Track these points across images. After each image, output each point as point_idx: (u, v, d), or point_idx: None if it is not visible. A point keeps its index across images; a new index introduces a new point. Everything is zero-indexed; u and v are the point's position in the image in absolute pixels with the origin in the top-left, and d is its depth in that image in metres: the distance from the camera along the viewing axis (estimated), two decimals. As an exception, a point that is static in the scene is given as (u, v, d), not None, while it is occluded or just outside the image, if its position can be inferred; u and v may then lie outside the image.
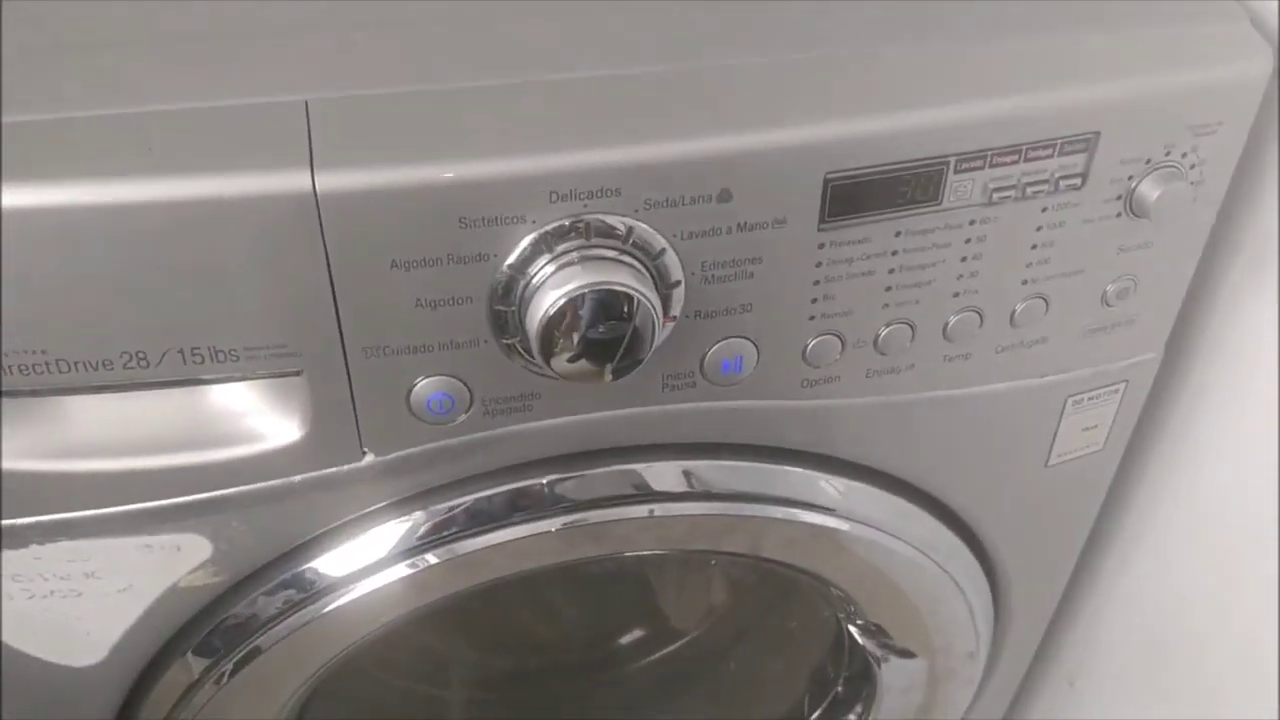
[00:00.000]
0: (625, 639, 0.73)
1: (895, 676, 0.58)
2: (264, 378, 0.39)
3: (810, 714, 0.66)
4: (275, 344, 0.38)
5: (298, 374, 0.39)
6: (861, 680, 0.64)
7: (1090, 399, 0.51)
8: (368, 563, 0.47)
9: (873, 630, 0.57)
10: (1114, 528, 0.62)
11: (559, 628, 0.73)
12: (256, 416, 0.40)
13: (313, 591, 0.47)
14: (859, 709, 0.64)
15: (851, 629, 0.58)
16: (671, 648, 0.72)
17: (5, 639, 0.44)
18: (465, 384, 0.40)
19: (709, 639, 0.72)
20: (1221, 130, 0.43)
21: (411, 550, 0.47)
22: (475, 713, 0.75)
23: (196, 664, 0.49)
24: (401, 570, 0.47)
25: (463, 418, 0.41)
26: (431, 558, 0.47)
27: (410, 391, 0.40)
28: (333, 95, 0.37)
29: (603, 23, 0.42)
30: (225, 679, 0.49)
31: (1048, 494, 0.54)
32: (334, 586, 0.47)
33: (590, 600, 0.72)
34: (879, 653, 0.58)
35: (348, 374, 0.39)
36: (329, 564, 0.47)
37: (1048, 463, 0.53)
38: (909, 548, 0.52)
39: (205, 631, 0.48)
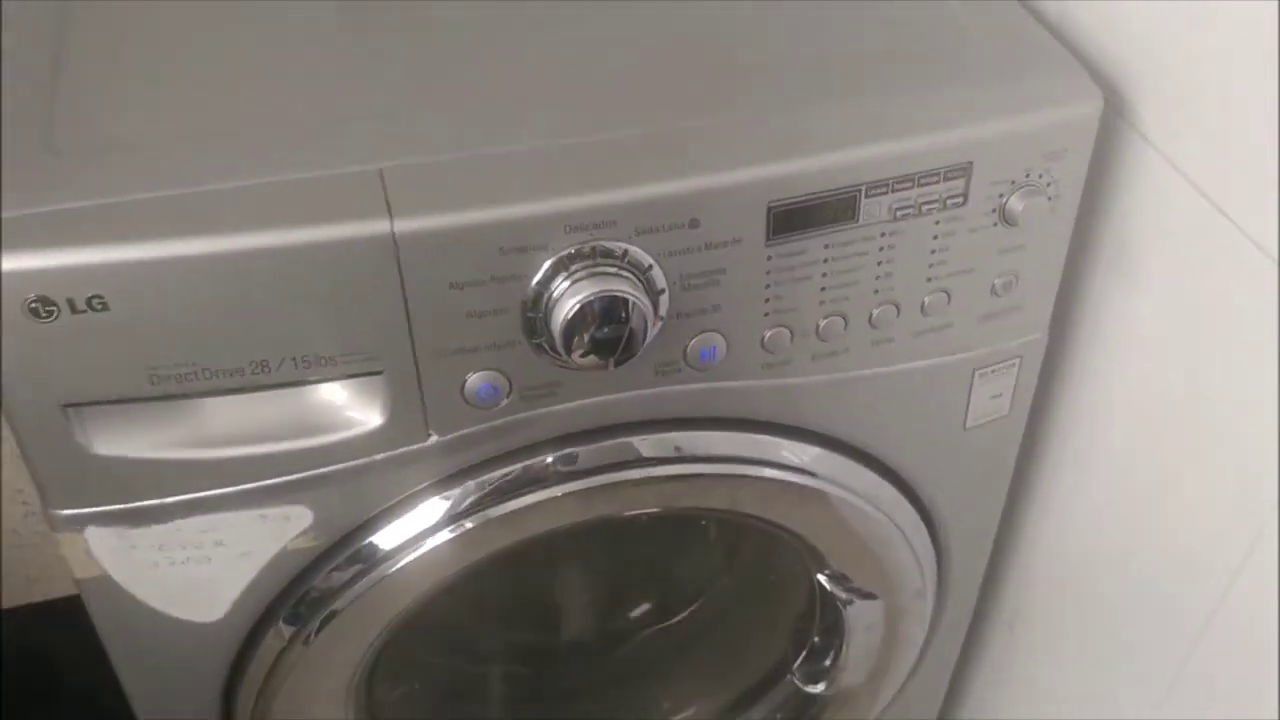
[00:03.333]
0: (634, 612, 0.85)
1: (859, 616, 0.70)
2: (354, 377, 0.51)
3: (794, 663, 0.78)
4: (363, 351, 0.50)
5: (379, 374, 0.51)
6: (833, 633, 0.76)
7: (993, 371, 0.64)
8: (420, 530, 0.58)
9: (838, 578, 0.69)
10: (1030, 483, 0.75)
11: (574, 605, 0.85)
12: (348, 409, 0.52)
13: (376, 559, 0.59)
14: (833, 654, 0.76)
15: (820, 578, 0.70)
16: (675, 619, 0.84)
17: (149, 602, 0.56)
18: (506, 376, 0.53)
19: (706, 608, 0.84)
20: (1068, 156, 0.56)
21: (455, 518, 0.58)
22: (502, 690, 0.86)
23: (287, 630, 0.60)
24: (447, 534, 0.58)
25: (505, 402, 0.53)
26: (469, 523, 0.58)
27: (464, 384, 0.52)
28: (400, 164, 0.49)
29: (593, 99, 0.55)
30: (311, 639, 0.60)
31: (969, 453, 0.67)
32: (394, 553, 0.58)
33: (601, 577, 0.84)
34: (845, 596, 0.69)
35: (417, 372, 0.51)
36: (388, 537, 0.59)
37: (965, 426, 0.65)
38: (860, 500, 0.64)
39: (293, 603, 0.60)
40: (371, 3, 0.61)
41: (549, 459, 0.58)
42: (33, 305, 0.45)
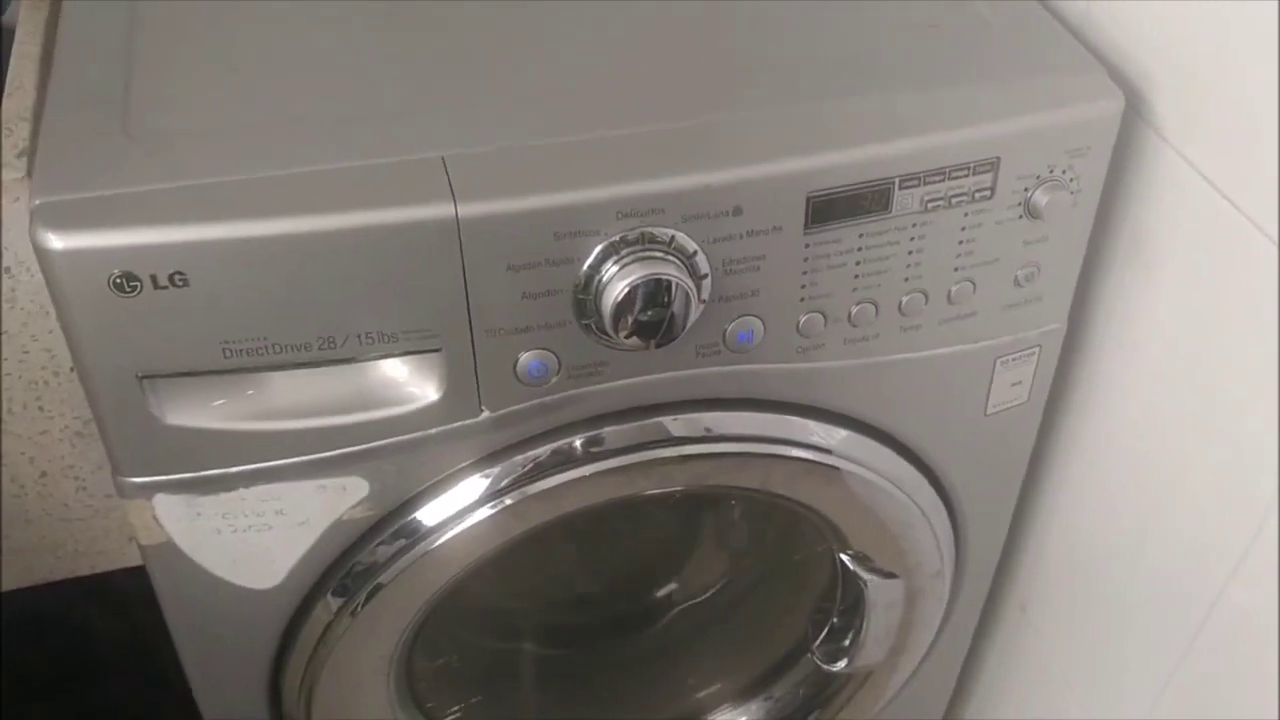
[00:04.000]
0: (662, 591, 0.88)
1: (879, 594, 0.73)
2: (414, 353, 0.53)
3: (814, 642, 0.81)
4: (423, 329, 0.53)
5: (437, 351, 0.54)
6: (853, 612, 0.79)
7: (1014, 359, 0.66)
8: (462, 506, 0.60)
9: (860, 557, 0.72)
10: (1045, 470, 0.77)
11: (603, 584, 0.88)
12: (406, 384, 0.55)
13: (420, 534, 0.62)
14: (853, 633, 0.79)
15: (843, 557, 0.72)
16: (701, 598, 0.87)
17: (211, 568, 0.58)
18: (556, 355, 0.55)
19: (731, 588, 0.87)
20: (1090, 153, 0.59)
21: (495, 494, 0.60)
22: (535, 666, 0.89)
23: (335, 603, 0.62)
24: (487, 510, 0.61)
25: (554, 380, 0.56)
26: (508, 500, 0.60)
27: (516, 362, 0.55)
28: (462, 152, 0.52)
29: (641, 92, 0.58)
30: (358, 611, 0.63)
31: (988, 438, 0.70)
32: (436, 529, 0.61)
33: (630, 557, 0.87)
34: (866, 576, 0.72)
35: (473, 350, 0.54)
36: (431, 513, 0.61)
37: (986, 412, 0.68)
38: (885, 481, 0.67)
39: (340, 576, 0.62)
40: (432, 5, 0.64)
41: (584, 438, 0.60)
42: (117, 280, 0.48)
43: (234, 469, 0.55)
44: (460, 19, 0.63)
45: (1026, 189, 0.59)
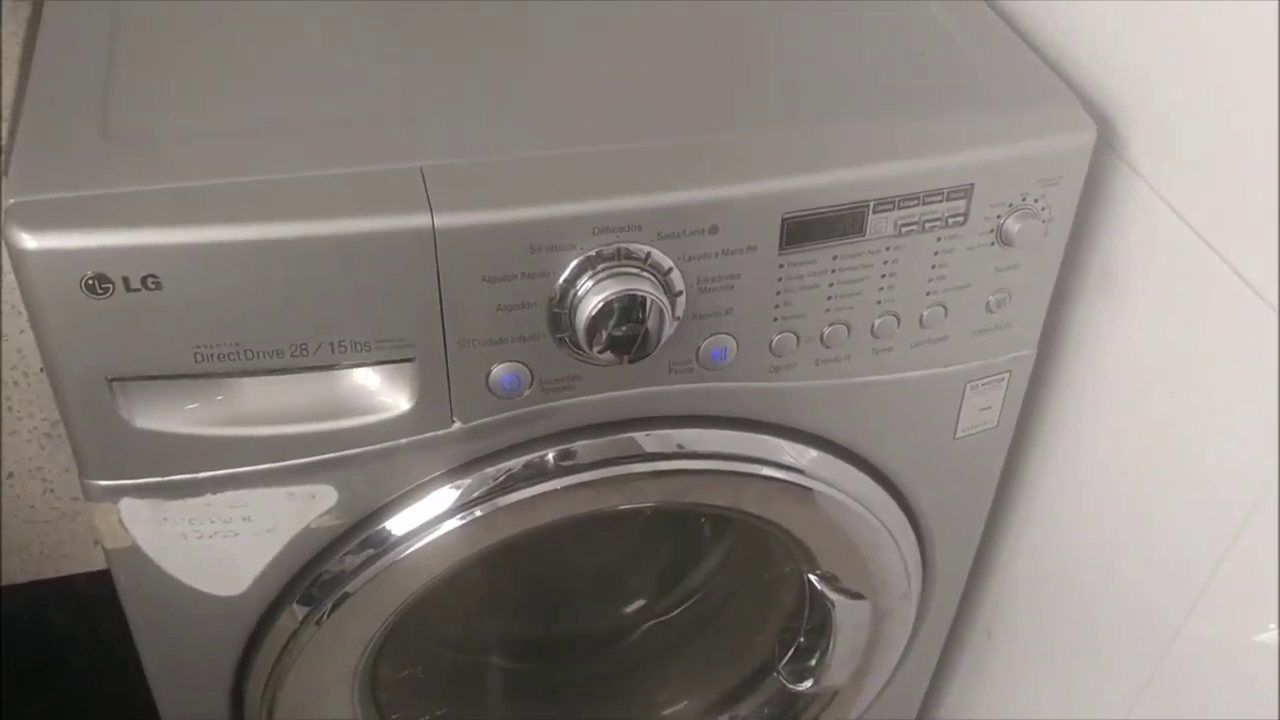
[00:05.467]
0: (630, 607, 0.88)
1: (846, 615, 0.73)
2: (387, 363, 0.54)
3: (780, 661, 0.81)
4: (397, 338, 0.53)
5: (410, 361, 0.54)
6: (819, 632, 0.79)
7: (984, 384, 0.67)
8: (431, 516, 0.60)
9: (828, 578, 0.72)
10: (1013, 495, 0.78)
11: (572, 598, 0.88)
12: (378, 393, 0.55)
13: (388, 544, 0.61)
14: (819, 653, 0.79)
15: (811, 577, 0.73)
16: (670, 615, 0.87)
17: (175, 573, 0.58)
18: (529, 368, 0.55)
19: (700, 605, 0.87)
20: (1062, 183, 0.60)
21: (465, 506, 0.60)
22: (503, 680, 0.88)
23: (300, 611, 0.62)
24: (457, 521, 0.60)
25: (526, 393, 0.56)
26: (478, 511, 0.60)
27: (489, 373, 0.55)
28: (440, 163, 0.52)
29: (621, 109, 0.58)
30: (323, 620, 0.62)
31: (957, 462, 0.70)
32: (405, 539, 0.61)
33: (599, 572, 0.87)
34: (833, 596, 0.72)
35: (446, 361, 0.54)
36: (400, 523, 0.61)
37: (955, 436, 0.69)
38: (853, 501, 0.67)
39: (306, 585, 0.62)
40: (416, 4, 0.64)
41: (557, 451, 0.61)
42: (89, 282, 0.48)
43: (202, 474, 0.55)
44: (444, 29, 0.63)
45: (999, 216, 0.59)
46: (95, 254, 0.47)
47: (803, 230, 0.56)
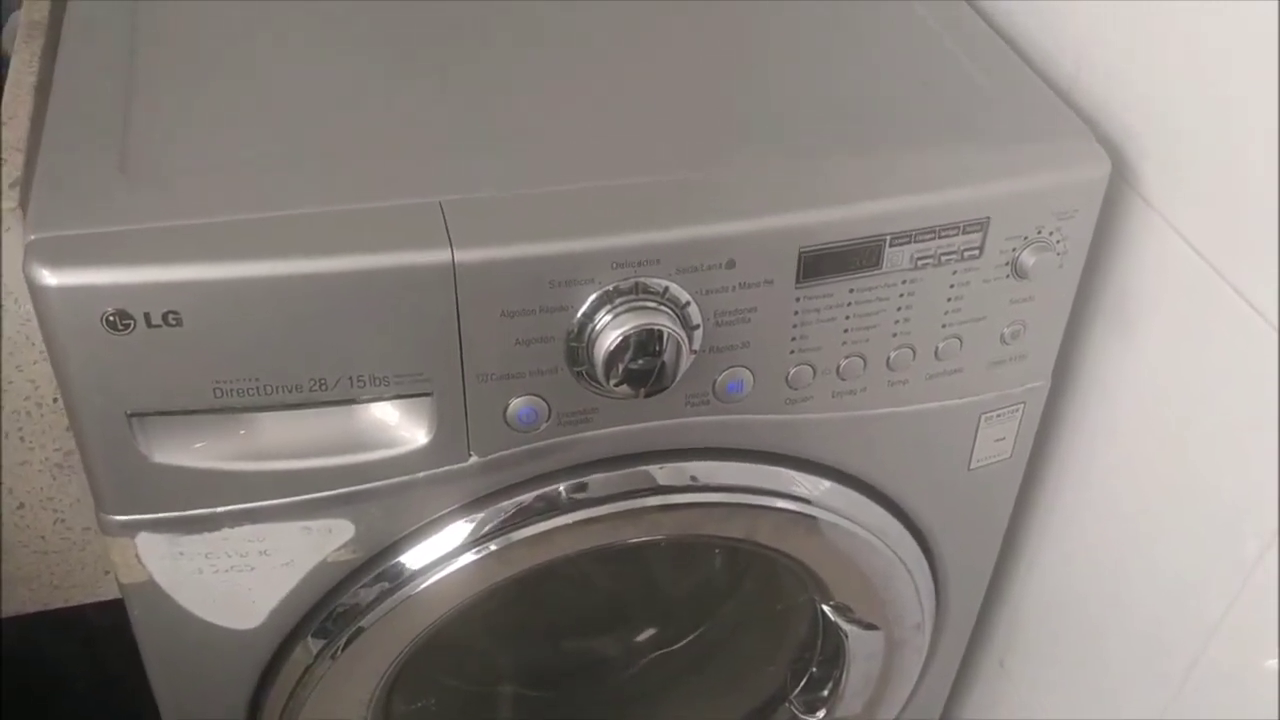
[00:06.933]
0: (641, 636, 0.87)
1: (860, 646, 0.73)
2: (405, 397, 0.53)
3: (792, 691, 0.81)
4: (415, 373, 0.53)
5: (428, 395, 0.54)
6: (832, 663, 0.79)
7: (998, 416, 0.67)
8: (446, 551, 0.60)
9: (841, 608, 0.72)
10: (1026, 524, 0.78)
11: (583, 628, 0.87)
12: (396, 427, 0.55)
13: (403, 578, 0.61)
14: (832, 684, 0.79)
15: (825, 608, 0.72)
16: (680, 644, 0.87)
17: (191, 608, 0.58)
18: (546, 401, 0.55)
19: (710, 634, 0.87)
20: (1077, 216, 0.60)
21: (480, 540, 0.60)
22: (514, 709, 0.88)
23: (315, 645, 0.62)
24: (472, 555, 0.60)
25: (544, 426, 0.56)
26: (493, 545, 0.60)
27: (507, 407, 0.55)
28: (459, 198, 0.52)
29: (637, 143, 0.58)
30: (338, 654, 0.62)
31: (971, 493, 0.70)
32: (420, 573, 0.60)
33: (610, 602, 0.87)
34: (847, 627, 0.72)
35: (464, 395, 0.54)
36: (415, 557, 0.61)
37: (969, 467, 0.68)
38: (867, 533, 0.67)
39: (321, 619, 0.62)
40: (434, 38, 0.65)
41: (572, 484, 0.60)
42: (110, 318, 0.48)
43: (220, 509, 0.55)
44: (461, 62, 0.63)
45: (1014, 249, 0.59)
46: (117, 290, 0.47)
47: (819, 264, 0.56)
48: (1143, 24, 0.60)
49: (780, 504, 0.64)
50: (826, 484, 0.65)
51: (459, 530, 0.60)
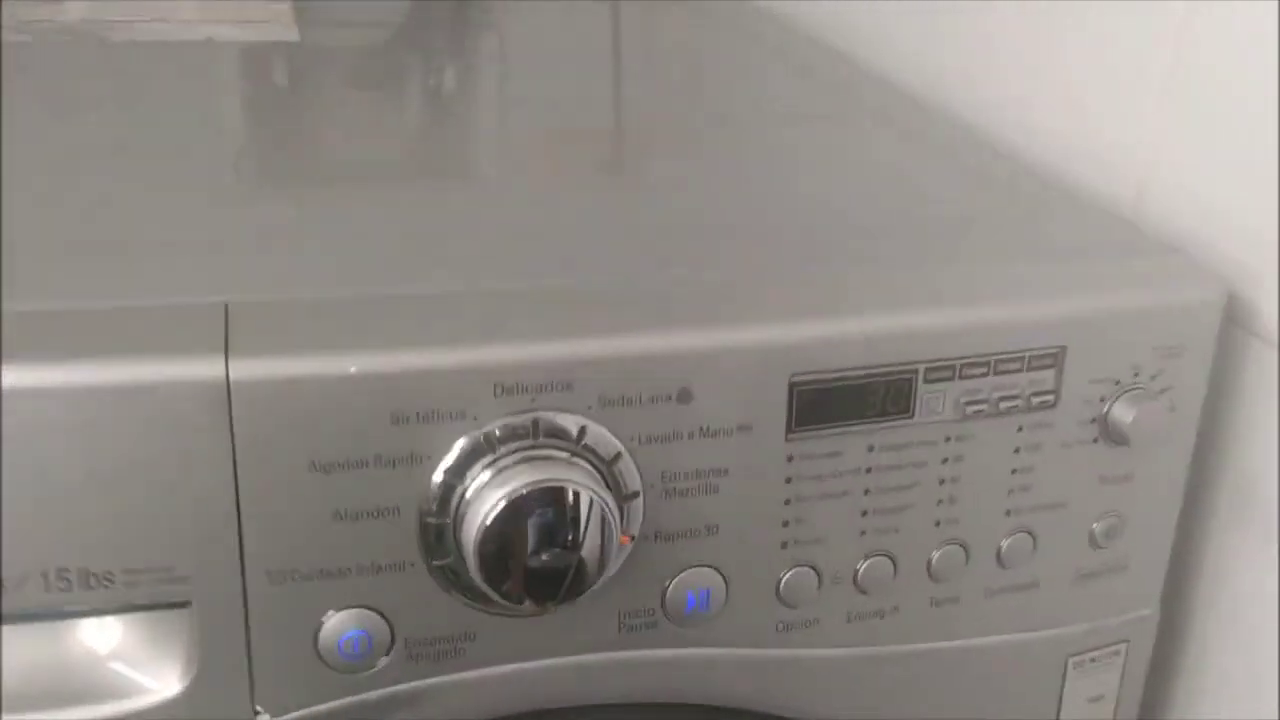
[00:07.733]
0: None
1: None
2: (143, 609, 0.33)
3: None
4: (161, 565, 0.32)
5: (185, 605, 0.33)
6: None
7: (1092, 661, 0.46)
8: None
9: None
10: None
11: None
12: (128, 661, 0.33)
13: None
14: None
15: None
16: None
17: None
18: (386, 619, 0.35)
19: None
20: (1186, 354, 0.42)
21: None
22: None
23: None
24: None
25: (382, 662, 0.35)
26: None
27: (319, 629, 0.34)
28: (255, 299, 0.34)
29: (562, 241, 0.41)
30: None
31: (1058, 783, 0.48)
32: None
33: None
34: None
35: (245, 605, 0.33)
36: None
37: (1054, 741, 0.47)
38: None
39: None
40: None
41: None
42: None
43: None
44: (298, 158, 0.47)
45: (1102, 398, 0.41)
46: None
47: (821, 403, 0.37)
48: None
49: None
50: (844, 767, 0.43)
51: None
